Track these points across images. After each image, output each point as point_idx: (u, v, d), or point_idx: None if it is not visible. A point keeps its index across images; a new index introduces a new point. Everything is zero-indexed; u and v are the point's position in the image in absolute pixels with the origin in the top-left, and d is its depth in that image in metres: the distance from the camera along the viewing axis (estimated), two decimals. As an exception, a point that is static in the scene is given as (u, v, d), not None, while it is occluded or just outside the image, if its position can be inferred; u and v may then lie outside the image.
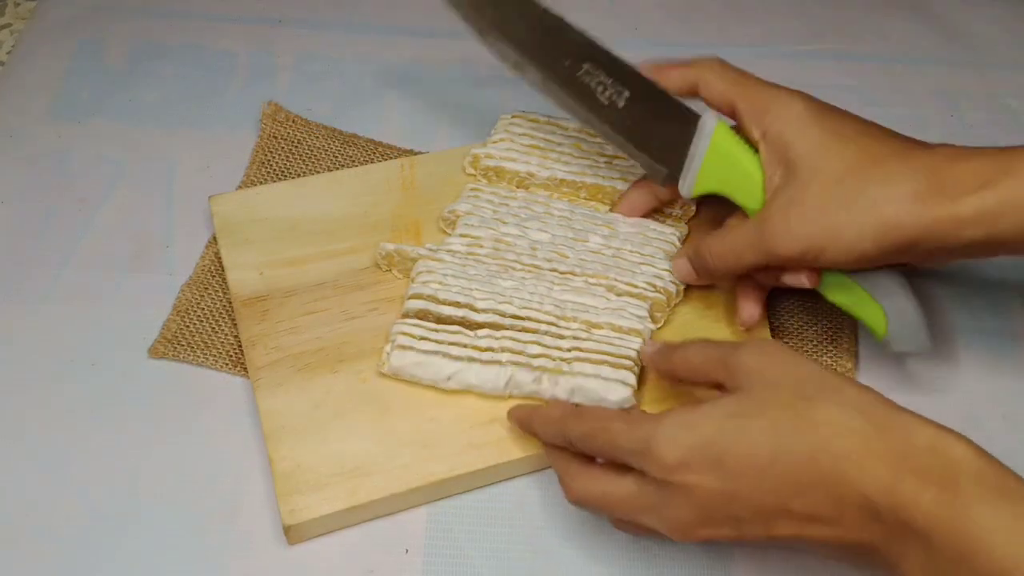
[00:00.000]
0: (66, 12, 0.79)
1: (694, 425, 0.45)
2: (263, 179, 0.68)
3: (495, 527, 0.54)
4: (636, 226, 0.62)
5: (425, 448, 0.55)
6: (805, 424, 0.43)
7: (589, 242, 0.61)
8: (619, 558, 0.53)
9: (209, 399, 0.58)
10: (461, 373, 0.55)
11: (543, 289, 0.59)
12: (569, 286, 0.59)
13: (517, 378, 0.55)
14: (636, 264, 0.60)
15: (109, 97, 0.73)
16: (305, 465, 0.54)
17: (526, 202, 0.63)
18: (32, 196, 0.68)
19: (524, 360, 0.56)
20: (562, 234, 0.61)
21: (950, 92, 0.75)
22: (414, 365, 0.56)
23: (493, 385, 0.55)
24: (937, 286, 0.65)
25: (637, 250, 0.61)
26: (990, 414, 0.59)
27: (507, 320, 0.57)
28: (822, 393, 0.44)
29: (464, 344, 0.56)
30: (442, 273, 0.59)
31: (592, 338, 0.57)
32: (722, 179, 0.57)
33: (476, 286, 0.58)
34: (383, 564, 0.53)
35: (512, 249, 0.61)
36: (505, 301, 0.58)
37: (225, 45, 0.77)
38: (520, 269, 0.60)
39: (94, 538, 0.53)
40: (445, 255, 0.60)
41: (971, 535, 0.40)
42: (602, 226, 0.62)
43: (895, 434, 0.43)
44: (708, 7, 0.82)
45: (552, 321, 0.57)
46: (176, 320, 0.61)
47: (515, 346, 0.56)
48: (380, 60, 0.77)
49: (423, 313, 0.57)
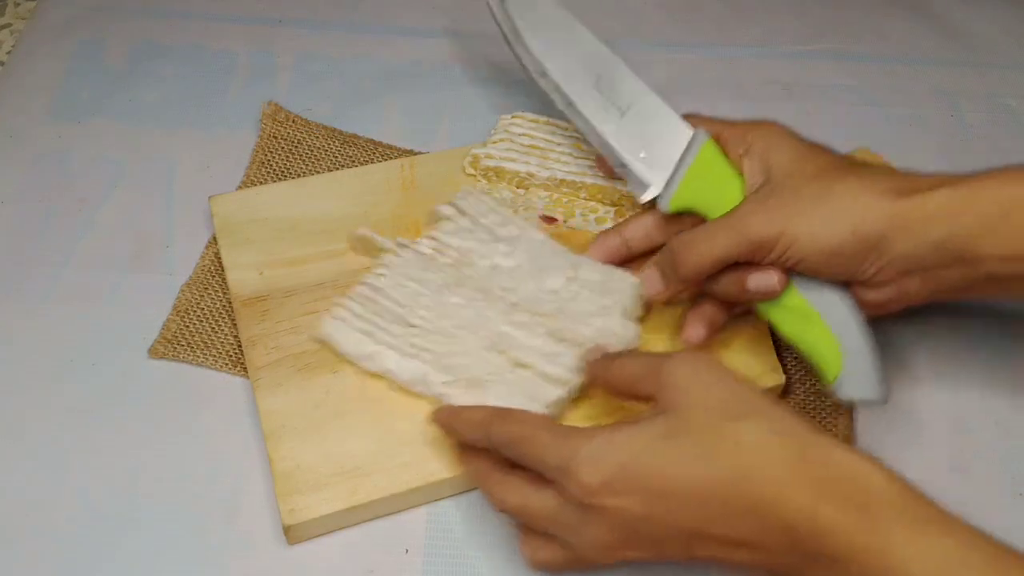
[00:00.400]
0: (66, 12, 0.79)
1: (619, 446, 0.44)
2: (263, 179, 0.68)
3: (495, 527, 0.54)
4: (602, 273, 0.59)
5: (425, 448, 0.55)
6: (730, 448, 0.43)
7: (548, 280, 0.59)
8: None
9: (209, 399, 0.58)
10: (380, 355, 0.56)
11: (486, 315, 0.58)
12: (512, 320, 0.57)
13: (430, 377, 0.55)
14: (589, 314, 0.57)
15: (109, 97, 0.74)
16: (305, 465, 0.54)
17: (503, 221, 0.62)
18: (32, 196, 0.68)
19: (442, 365, 0.56)
20: (526, 264, 0.60)
21: (950, 92, 0.75)
22: (342, 336, 0.57)
23: (409, 376, 0.56)
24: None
25: (595, 298, 0.58)
26: (983, 422, 0.59)
27: (440, 334, 0.57)
28: (747, 416, 0.44)
29: (394, 334, 0.57)
30: (400, 271, 0.59)
31: (513, 374, 0.56)
32: (703, 195, 0.57)
33: (426, 292, 0.58)
34: (383, 564, 0.53)
35: (473, 267, 0.60)
36: (445, 316, 0.57)
37: (225, 45, 0.78)
38: (473, 289, 0.59)
39: (94, 538, 0.53)
40: (410, 254, 0.60)
41: (889, 561, 0.40)
42: (567, 267, 0.59)
43: (816, 461, 0.43)
44: (708, 7, 0.82)
45: (481, 349, 0.56)
46: (176, 320, 0.61)
47: (439, 350, 0.56)
48: (380, 60, 0.77)
49: (368, 300, 0.58)
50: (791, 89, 0.72)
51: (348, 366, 0.57)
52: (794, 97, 0.66)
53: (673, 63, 0.78)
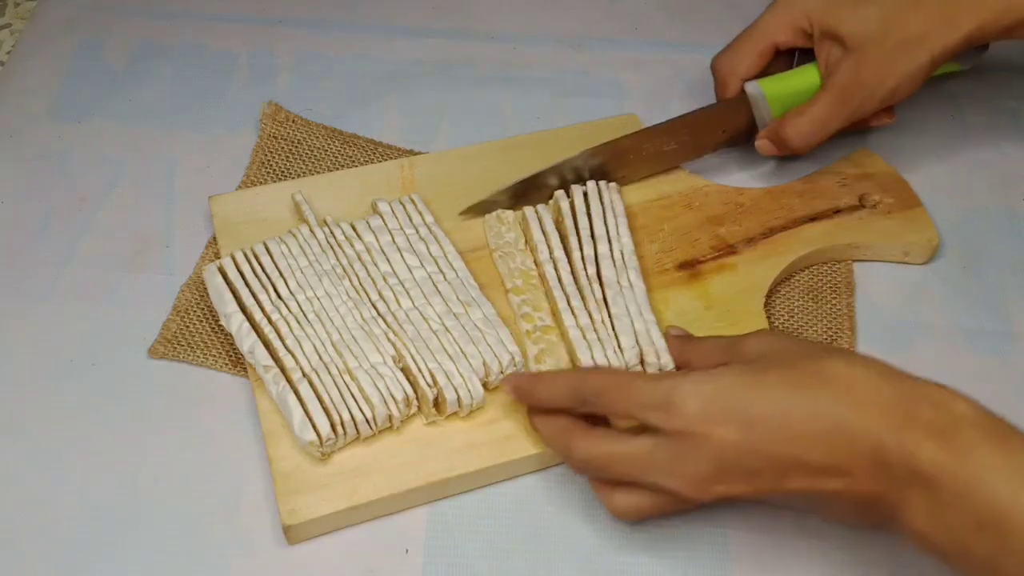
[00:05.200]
0: (66, 12, 0.79)
1: (715, 378, 0.47)
2: (263, 179, 0.68)
3: (495, 527, 0.54)
4: (487, 325, 0.57)
5: (425, 448, 0.55)
6: (819, 378, 0.46)
7: (433, 306, 0.58)
8: (619, 558, 0.53)
9: (209, 399, 0.58)
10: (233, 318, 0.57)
11: (346, 315, 0.57)
12: (364, 328, 0.57)
13: (257, 354, 0.56)
14: (441, 351, 0.56)
15: (109, 97, 0.74)
16: (305, 465, 0.54)
17: (432, 238, 0.61)
18: (32, 196, 0.68)
19: (282, 346, 0.56)
20: (422, 281, 0.59)
21: (950, 92, 0.75)
22: (213, 288, 0.58)
23: (245, 348, 0.56)
24: (936, 285, 0.65)
25: (458, 342, 0.56)
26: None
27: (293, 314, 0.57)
28: (831, 354, 0.47)
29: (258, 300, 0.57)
30: (300, 243, 0.60)
31: (344, 381, 0.55)
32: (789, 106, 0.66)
33: (307, 271, 0.59)
34: (383, 564, 0.53)
35: (366, 266, 0.59)
36: (309, 299, 0.58)
37: (225, 45, 0.78)
38: (352, 286, 0.59)
39: (94, 538, 0.53)
40: (320, 233, 0.61)
41: (970, 476, 0.43)
42: (458, 303, 0.58)
43: (900, 387, 0.45)
44: (708, 7, 0.82)
45: (325, 343, 0.56)
46: (176, 320, 0.61)
47: (283, 331, 0.56)
48: (380, 60, 0.77)
49: (254, 256, 0.59)
50: (791, 89, 0.72)
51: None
52: (794, 97, 0.67)
53: (673, 63, 0.78)
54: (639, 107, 0.73)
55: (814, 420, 0.45)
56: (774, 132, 0.66)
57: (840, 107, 0.64)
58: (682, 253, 0.64)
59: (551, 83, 0.76)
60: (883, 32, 0.62)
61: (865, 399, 0.45)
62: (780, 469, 0.46)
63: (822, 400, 0.45)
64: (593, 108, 0.73)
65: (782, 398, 0.46)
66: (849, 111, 0.64)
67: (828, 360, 0.47)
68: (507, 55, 0.78)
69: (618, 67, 0.78)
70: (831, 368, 0.46)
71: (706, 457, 0.46)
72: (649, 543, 0.53)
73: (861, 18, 0.62)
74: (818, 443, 0.45)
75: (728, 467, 0.46)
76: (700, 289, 0.62)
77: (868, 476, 0.44)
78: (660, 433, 0.47)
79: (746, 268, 0.63)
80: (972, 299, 0.64)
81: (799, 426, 0.45)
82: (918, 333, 0.63)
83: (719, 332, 0.59)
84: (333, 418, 0.53)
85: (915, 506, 0.44)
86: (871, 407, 0.45)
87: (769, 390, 0.46)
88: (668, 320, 0.60)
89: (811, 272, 0.65)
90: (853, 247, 0.65)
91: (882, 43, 0.62)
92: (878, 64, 0.62)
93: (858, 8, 0.63)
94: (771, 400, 0.46)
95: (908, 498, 0.44)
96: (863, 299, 0.64)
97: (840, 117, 0.64)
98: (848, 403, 0.45)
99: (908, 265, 0.66)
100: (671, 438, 0.47)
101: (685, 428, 0.46)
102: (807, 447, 0.45)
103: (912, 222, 0.65)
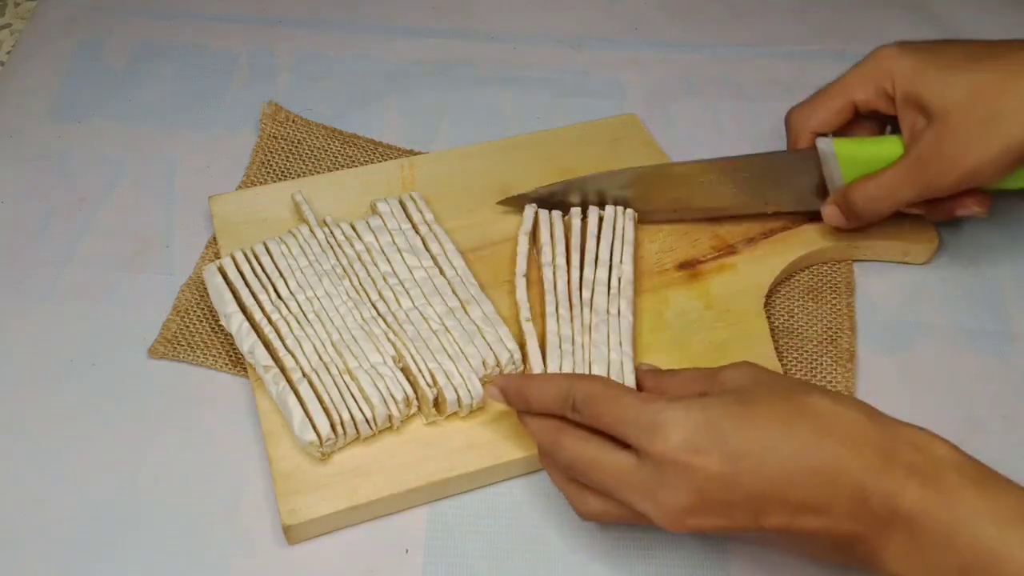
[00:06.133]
0: (66, 12, 0.79)
1: (704, 407, 0.46)
2: (263, 179, 0.68)
3: (495, 527, 0.54)
4: (486, 323, 0.57)
5: (425, 448, 0.55)
6: (805, 412, 0.45)
7: (433, 306, 0.58)
8: (619, 557, 0.53)
9: (209, 399, 0.58)
10: (233, 319, 0.57)
11: (346, 315, 0.57)
12: (364, 328, 0.57)
13: (257, 354, 0.56)
14: (441, 351, 0.56)
15: (109, 97, 0.74)
16: (305, 465, 0.54)
17: (432, 236, 0.61)
18: (32, 196, 0.68)
19: (280, 343, 0.56)
20: (421, 281, 0.59)
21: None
22: (213, 287, 0.58)
23: (245, 348, 0.56)
24: (936, 285, 0.65)
25: (458, 342, 0.56)
26: (990, 415, 0.59)
27: (293, 315, 0.57)
28: (813, 390, 0.47)
29: (259, 300, 0.57)
30: (300, 243, 0.60)
31: (344, 381, 0.55)
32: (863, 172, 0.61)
33: (307, 272, 0.59)
34: (383, 564, 0.53)
35: (366, 266, 0.59)
36: (309, 299, 0.58)
37: (225, 45, 0.78)
38: (352, 286, 0.59)
39: (94, 538, 0.53)
40: (320, 233, 0.61)
41: (955, 519, 0.42)
42: (458, 303, 0.58)
43: (882, 428, 0.45)
44: (708, 7, 0.82)
45: (324, 347, 0.56)
46: (176, 320, 0.61)
47: (283, 331, 0.56)
48: (380, 60, 0.77)
49: (255, 256, 0.59)
50: (791, 89, 0.72)
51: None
52: (794, 97, 0.66)
53: (673, 63, 0.78)
54: (639, 107, 0.73)
55: (800, 456, 0.44)
56: (842, 196, 0.62)
57: (913, 176, 0.59)
58: (682, 253, 0.64)
59: (551, 83, 0.76)
60: (971, 103, 0.56)
61: (849, 438, 0.44)
62: (759, 505, 0.44)
63: (809, 436, 0.44)
64: (593, 108, 0.73)
65: (771, 432, 0.45)
66: (922, 183, 0.58)
67: (813, 396, 0.46)
68: (507, 55, 0.78)
69: (618, 67, 0.78)
70: (817, 404, 0.45)
71: (685, 487, 0.45)
72: (649, 543, 0.53)
73: (949, 84, 0.57)
74: (800, 479, 0.44)
75: (706, 499, 0.45)
76: (700, 289, 0.62)
77: (848, 516, 0.44)
78: (642, 454, 0.46)
79: (746, 268, 0.63)
80: (972, 299, 0.64)
81: (784, 461, 0.44)
82: (918, 333, 0.63)
83: (719, 332, 0.60)
84: (333, 418, 0.53)
85: (894, 548, 0.43)
86: (854, 446, 0.44)
87: (759, 421, 0.45)
88: (668, 320, 0.60)
89: (811, 272, 0.65)
90: (853, 247, 0.65)
91: (968, 115, 0.56)
92: (960, 137, 0.56)
93: (948, 74, 0.57)
94: (760, 433, 0.45)
95: (887, 539, 0.43)
96: (863, 299, 0.64)
97: (911, 187, 0.59)
98: (833, 440, 0.44)
99: (908, 265, 0.66)
100: (652, 462, 0.45)
101: (666, 454, 0.45)
102: (789, 483, 0.44)
103: (912, 222, 0.65)
